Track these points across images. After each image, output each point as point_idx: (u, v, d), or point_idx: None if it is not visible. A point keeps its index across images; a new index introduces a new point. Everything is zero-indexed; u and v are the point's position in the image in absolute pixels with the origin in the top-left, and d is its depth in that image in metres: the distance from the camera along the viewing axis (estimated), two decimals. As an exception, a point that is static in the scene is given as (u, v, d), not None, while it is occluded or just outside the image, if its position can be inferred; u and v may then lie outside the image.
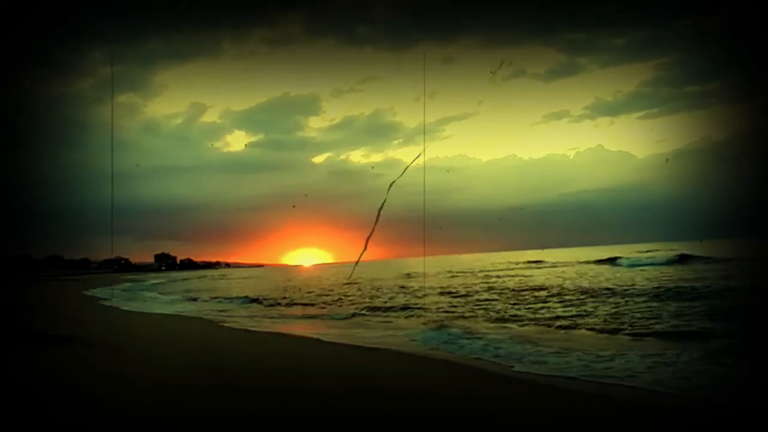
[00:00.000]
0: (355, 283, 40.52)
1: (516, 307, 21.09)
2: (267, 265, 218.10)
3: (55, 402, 7.45)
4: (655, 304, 19.10)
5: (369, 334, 15.59)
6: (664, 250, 54.39)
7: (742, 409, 7.21)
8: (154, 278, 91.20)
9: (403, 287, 34.93)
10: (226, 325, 19.18)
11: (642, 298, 20.86)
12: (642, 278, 29.53)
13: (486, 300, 24.18)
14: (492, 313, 19.60)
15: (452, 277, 43.38)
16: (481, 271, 48.98)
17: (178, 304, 32.41)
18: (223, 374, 9.59)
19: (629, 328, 14.83)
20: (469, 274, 45.79)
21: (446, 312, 20.86)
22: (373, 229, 9.67)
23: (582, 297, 22.58)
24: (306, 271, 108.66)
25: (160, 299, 37.49)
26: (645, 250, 61.76)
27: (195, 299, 35.42)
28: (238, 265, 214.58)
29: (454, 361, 11.16)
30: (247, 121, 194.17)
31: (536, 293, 25.31)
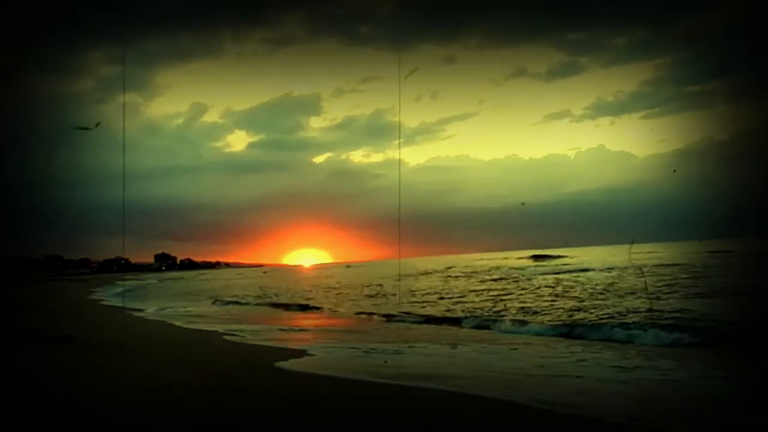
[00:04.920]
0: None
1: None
2: (267, 265, 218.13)
3: (55, 402, 7.37)
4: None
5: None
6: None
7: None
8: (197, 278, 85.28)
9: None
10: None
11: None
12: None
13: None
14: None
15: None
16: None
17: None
18: (226, 377, 9.51)
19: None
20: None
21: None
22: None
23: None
24: (337, 272, 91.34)
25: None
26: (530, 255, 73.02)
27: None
28: (238, 265, 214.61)
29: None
30: (248, 121, 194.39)
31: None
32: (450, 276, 49.02)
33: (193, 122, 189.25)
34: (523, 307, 21.92)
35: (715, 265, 37.90)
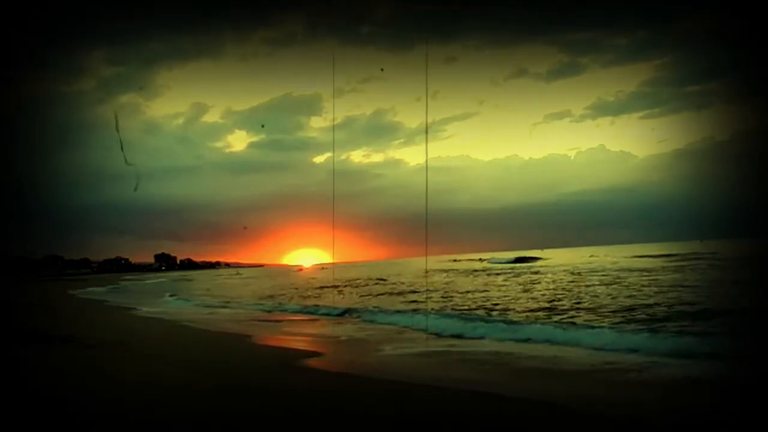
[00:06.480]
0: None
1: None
2: (267, 265, 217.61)
3: (55, 401, 7.42)
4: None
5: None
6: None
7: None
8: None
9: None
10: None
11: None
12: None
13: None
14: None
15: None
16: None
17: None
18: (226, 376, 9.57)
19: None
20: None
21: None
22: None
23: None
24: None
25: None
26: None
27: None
28: (238, 265, 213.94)
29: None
30: (248, 121, 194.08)
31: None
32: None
33: (193, 122, 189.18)
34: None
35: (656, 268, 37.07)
